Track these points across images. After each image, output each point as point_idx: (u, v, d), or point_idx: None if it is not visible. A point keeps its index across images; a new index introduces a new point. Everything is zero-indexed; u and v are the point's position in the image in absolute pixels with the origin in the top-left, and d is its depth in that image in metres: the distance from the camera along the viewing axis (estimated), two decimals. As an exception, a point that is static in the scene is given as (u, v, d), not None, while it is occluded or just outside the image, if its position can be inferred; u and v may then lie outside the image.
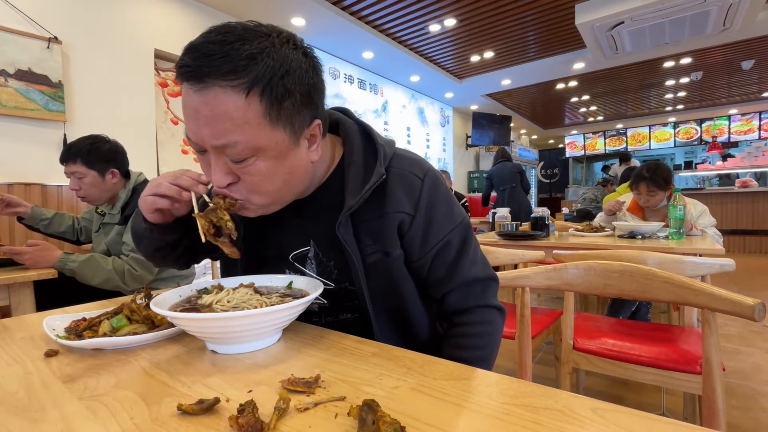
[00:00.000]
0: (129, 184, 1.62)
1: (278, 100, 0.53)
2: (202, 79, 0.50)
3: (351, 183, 0.64)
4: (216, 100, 0.50)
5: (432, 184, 0.67)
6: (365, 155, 0.67)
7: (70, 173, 1.54)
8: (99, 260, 1.41)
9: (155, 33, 3.06)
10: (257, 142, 0.53)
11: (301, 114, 0.56)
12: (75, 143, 1.54)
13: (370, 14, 3.89)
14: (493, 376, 0.46)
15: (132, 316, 0.65)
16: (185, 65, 0.51)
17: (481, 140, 7.40)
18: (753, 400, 1.67)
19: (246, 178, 0.57)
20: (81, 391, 0.44)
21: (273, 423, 0.36)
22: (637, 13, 3.65)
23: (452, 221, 0.69)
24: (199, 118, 0.52)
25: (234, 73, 0.50)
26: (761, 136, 7.80)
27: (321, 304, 0.71)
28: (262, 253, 0.74)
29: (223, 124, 0.51)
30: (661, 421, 0.35)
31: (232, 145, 0.52)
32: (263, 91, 0.51)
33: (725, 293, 0.75)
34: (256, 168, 0.55)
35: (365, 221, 0.65)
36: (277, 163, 0.57)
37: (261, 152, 0.55)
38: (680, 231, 1.87)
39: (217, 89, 0.50)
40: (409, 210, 0.65)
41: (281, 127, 0.54)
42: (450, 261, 0.68)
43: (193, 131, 0.54)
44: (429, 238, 0.67)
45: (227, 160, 0.55)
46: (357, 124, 0.71)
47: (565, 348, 1.21)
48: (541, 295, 3.41)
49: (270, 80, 0.51)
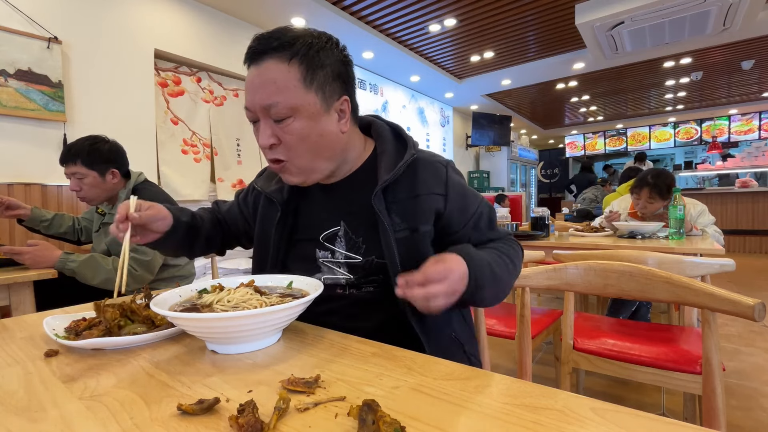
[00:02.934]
0: (129, 184, 1.61)
1: (312, 68, 0.67)
2: (260, 55, 0.66)
3: (384, 164, 0.75)
4: (266, 69, 0.66)
5: (453, 170, 0.80)
6: (396, 146, 0.79)
7: (71, 174, 1.53)
8: (99, 260, 1.41)
9: (155, 33, 3.06)
10: (294, 101, 0.66)
11: (331, 86, 0.69)
12: (75, 144, 1.54)
13: (370, 14, 3.89)
14: (493, 376, 0.46)
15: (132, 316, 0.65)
16: (250, 48, 0.67)
17: (481, 140, 7.40)
18: (753, 400, 1.67)
19: (285, 137, 0.68)
20: (81, 391, 0.44)
21: (273, 423, 0.36)
22: (637, 13, 3.65)
23: (477, 197, 0.81)
24: (252, 88, 0.67)
25: (281, 47, 0.66)
26: (761, 136, 7.80)
27: (347, 278, 0.76)
28: (295, 236, 0.82)
29: (269, 88, 0.65)
30: (661, 421, 0.35)
31: (275, 105, 0.65)
32: (301, 60, 0.66)
33: (725, 293, 0.75)
34: (293, 127, 0.67)
35: (396, 201, 0.74)
36: (310, 124, 0.68)
37: (297, 112, 0.67)
38: (680, 231, 1.87)
39: (268, 61, 0.66)
40: (440, 191, 0.76)
41: (313, 91, 0.67)
42: (484, 226, 0.81)
43: (249, 100, 0.68)
44: (466, 210, 0.78)
45: (271, 122, 0.67)
46: (388, 124, 0.84)
47: (565, 348, 1.21)
48: (541, 295, 3.41)
49: (307, 52, 0.66)
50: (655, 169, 2.25)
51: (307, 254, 0.79)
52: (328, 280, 0.77)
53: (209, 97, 3.49)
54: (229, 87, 3.66)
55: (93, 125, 2.65)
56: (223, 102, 3.60)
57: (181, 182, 3.20)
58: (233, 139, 3.67)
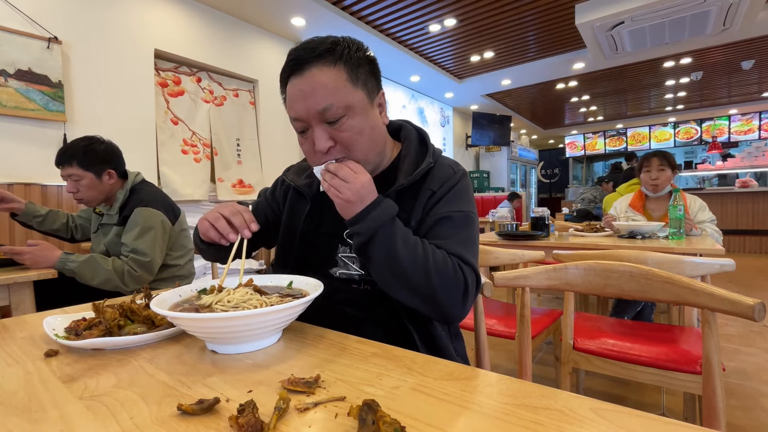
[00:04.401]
0: (126, 185, 1.61)
1: (355, 66, 0.70)
2: (303, 65, 0.68)
3: (404, 168, 0.78)
4: (313, 77, 0.68)
5: (462, 177, 0.80)
6: (418, 151, 0.83)
7: (67, 176, 1.52)
8: (99, 260, 1.41)
9: (155, 33, 3.06)
10: (347, 100, 0.69)
11: (372, 81, 0.74)
12: (70, 146, 1.53)
13: (370, 14, 3.89)
14: (493, 376, 0.46)
15: (132, 316, 0.65)
16: (292, 59, 0.70)
17: (481, 140, 7.40)
18: (753, 400, 1.67)
19: (342, 136, 0.70)
20: (81, 391, 0.44)
21: (273, 423, 0.36)
22: (637, 13, 3.65)
23: (461, 205, 0.77)
24: (302, 95, 0.68)
25: (324, 54, 0.68)
26: (761, 136, 7.80)
27: (360, 274, 0.78)
28: (320, 230, 0.84)
29: (320, 93, 0.67)
30: (661, 421, 0.35)
31: (330, 107, 0.68)
32: (346, 61, 0.69)
33: (725, 293, 0.75)
34: (349, 125, 0.70)
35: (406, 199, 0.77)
36: (363, 119, 0.72)
37: (350, 110, 0.70)
38: (680, 231, 1.87)
39: (313, 69, 0.68)
40: (434, 187, 0.77)
41: (360, 88, 0.71)
42: (444, 234, 0.74)
43: (297, 109, 0.70)
44: (437, 208, 0.76)
45: (326, 127, 0.70)
46: (415, 129, 0.88)
47: (565, 348, 1.21)
48: (541, 295, 3.40)
49: (349, 53, 0.70)
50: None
51: (329, 249, 0.82)
52: (343, 275, 0.79)
53: (209, 97, 3.49)
54: (229, 87, 3.66)
55: (93, 125, 2.65)
56: (223, 102, 3.60)
57: (181, 182, 3.20)
58: (233, 139, 3.67)
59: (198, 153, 3.38)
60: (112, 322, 0.62)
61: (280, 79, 0.73)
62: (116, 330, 0.62)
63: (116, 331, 0.62)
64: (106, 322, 0.62)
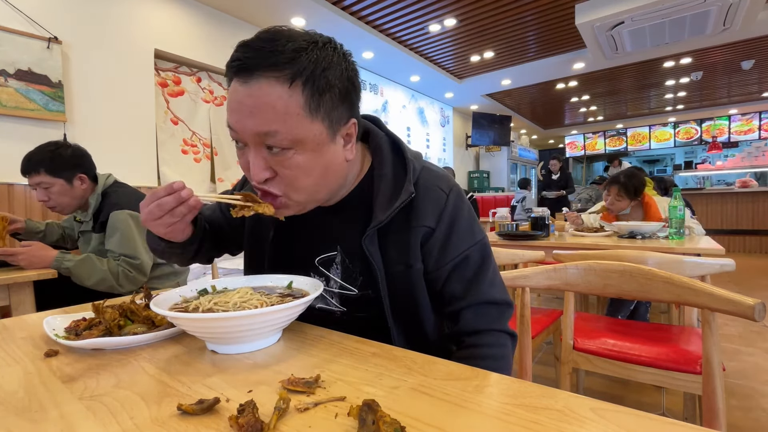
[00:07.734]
0: (98, 188, 1.55)
1: (319, 92, 0.55)
2: (251, 71, 0.53)
3: (380, 196, 0.65)
4: (261, 91, 0.53)
5: (456, 199, 0.68)
6: (395, 169, 0.68)
7: (35, 185, 1.46)
8: (95, 260, 1.40)
9: (155, 33, 3.06)
10: (297, 132, 0.54)
11: (339, 110, 0.58)
12: (34, 153, 1.46)
13: (370, 14, 3.89)
14: (493, 376, 0.46)
15: (131, 316, 0.65)
16: (236, 59, 0.53)
17: (481, 140, 7.40)
18: (753, 400, 1.67)
19: (284, 172, 0.57)
20: (81, 391, 0.44)
21: (273, 423, 0.36)
22: (637, 13, 3.65)
23: (472, 237, 0.68)
24: (243, 109, 0.54)
25: (280, 65, 0.52)
26: (761, 136, 7.80)
27: (341, 311, 0.71)
28: (290, 254, 0.74)
29: (266, 114, 0.53)
30: (661, 421, 0.35)
31: (273, 134, 0.54)
32: (305, 82, 0.53)
33: (725, 293, 0.75)
34: (294, 161, 0.56)
35: (391, 233, 0.65)
36: (314, 158, 0.57)
37: (299, 145, 0.56)
38: (680, 231, 1.87)
39: (262, 81, 0.52)
40: (431, 224, 0.66)
41: (320, 120, 0.56)
42: (469, 277, 0.67)
43: (235, 122, 0.55)
44: (448, 251, 0.66)
45: (266, 154, 0.56)
46: (387, 135, 0.72)
47: (565, 348, 1.21)
48: (541, 295, 3.40)
49: (312, 72, 0.54)
50: (630, 169, 2.45)
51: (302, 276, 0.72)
52: (322, 311, 0.72)
53: (209, 97, 3.49)
54: (229, 87, 3.66)
55: (93, 125, 2.65)
56: (223, 102, 3.60)
57: (181, 182, 3.20)
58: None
59: (198, 153, 3.39)
60: (112, 322, 0.62)
61: (225, 70, 0.57)
62: (116, 330, 0.62)
63: (116, 331, 0.62)
64: (106, 322, 0.62)
